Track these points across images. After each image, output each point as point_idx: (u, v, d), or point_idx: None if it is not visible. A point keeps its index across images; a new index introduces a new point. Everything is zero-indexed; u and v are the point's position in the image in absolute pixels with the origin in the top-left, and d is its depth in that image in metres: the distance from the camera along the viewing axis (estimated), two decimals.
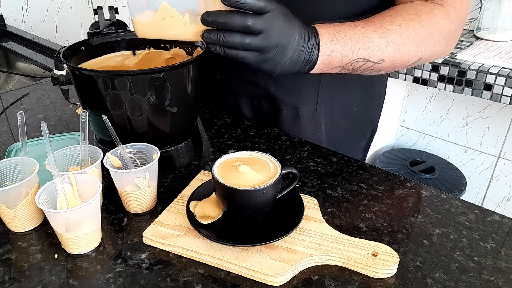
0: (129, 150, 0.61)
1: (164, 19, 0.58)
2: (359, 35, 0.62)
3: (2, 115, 0.92)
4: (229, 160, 0.56)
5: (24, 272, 0.51)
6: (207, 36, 0.56)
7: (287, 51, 0.59)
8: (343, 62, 0.63)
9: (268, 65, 0.59)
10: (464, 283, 0.49)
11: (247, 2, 0.52)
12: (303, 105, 0.83)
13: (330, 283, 0.49)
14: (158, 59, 0.78)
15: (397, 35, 0.64)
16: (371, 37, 0.63)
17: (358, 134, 0.92)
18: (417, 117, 1.91)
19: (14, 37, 1.61)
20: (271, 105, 0.86)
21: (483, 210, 0.61)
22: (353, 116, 0.87)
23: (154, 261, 0.52)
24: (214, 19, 0.54)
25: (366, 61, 0.64)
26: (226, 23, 0.54)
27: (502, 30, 1.52)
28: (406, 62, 0.67)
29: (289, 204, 0.57)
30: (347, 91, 0.84)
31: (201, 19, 0.55)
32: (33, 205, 0.56)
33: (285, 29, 0.57)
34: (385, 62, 0.65)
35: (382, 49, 0.64)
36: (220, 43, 0.56)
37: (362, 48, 0.63)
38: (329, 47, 0.61)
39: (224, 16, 0.54)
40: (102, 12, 0.86)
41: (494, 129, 1.69)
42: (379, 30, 0.63)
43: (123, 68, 0.76)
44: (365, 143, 0.95)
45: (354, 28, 0.63)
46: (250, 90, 0.86)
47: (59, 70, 1.09)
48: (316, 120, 0.84)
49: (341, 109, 0.85)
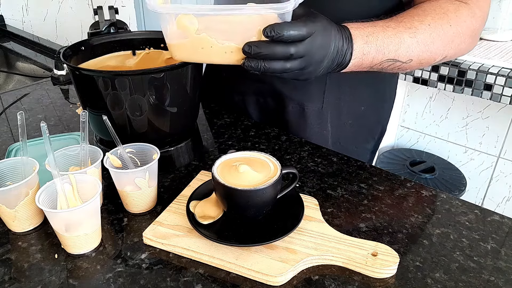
0: (129, 150, 0.61)
1: (203, 48, 0.57)
2: (391, 36, 0.62)
3: (2, 115, 0.92)
4: (229, 160, 0.56)
5: (24, 272, 0.51)
6: (248, 65, 0.55)
7: (323, 63, 0.58)
8: (373, 63, 0.64)
9: (303, 76, 0.59)
10: (464, 283, 0.49)
11: (290, 34, 0.52)
12: (309, 102, 0.82)
13: (330, 283, 0.49)
14: (158, 59, 0.78)
15: (426, 35, 0.64)
16: (402, 37, 0.63)
17: (365, 135, 0.91)
18: (417, 117, 1.91)
19: (14, 37, 1.61)
20: (276, 102, 0.85)
21: (483, 210, 0.61)
22: (361, 116, 0.87)
23: (154, 261, 0.52)
24: (256, 51, 0.53)
25: (395, 61, 0.64)
26: (269, 55, 0.53)
27: (502, 30, 1.52)
28: (432, 60, 0.67)
29: (289, 204, 0.57)
30: (355, 90, 0.83)
31: (242, 50, 0.54)
32: (33, 205, 0.56)
33: (323, 44, 0.57)
34: (413, 62, 0.65)
35: (412, 49, 0.64)
36: (261, 71, 0.55)
37: (393, 49, 0.63)
38: (362, 50, 0.61)
39: (266, 48, 0.53)
40: (102, 12, 0.86)
41: (494, 129, 1.69)
42: (409, 30, 0.63)
43: (123, 68, 0.76)
44: (372, 145, 0.94)
45: (386, 29, 0.63)
46: (256, 88, 0.86)
47: (59, 70, 1.09)
48: (322, 117, 0.84)
49: (348, 107, 0.85)
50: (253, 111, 0.89)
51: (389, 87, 0.90)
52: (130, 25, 1.43)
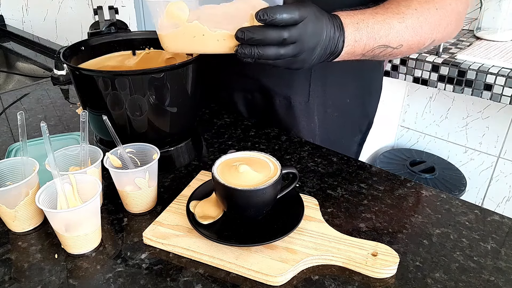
0: (129, 150, 0.61)
1: (195, 37, 0.56)
2: (380, 22, 0.63)
3: (2, 115, 0.92)
4: (229, 160, 0.56)
5: (24, 272, 0.51)
6: (241, 52, 0.55)
7: (316, 50, 0.59)
8: (365, 50, 0.64)
9: (296, 65, 0.59)
10: (464, 283, 0.49)
11: (283, 18, 0.52)
12: (295, 95, 0.83)
13: (330, 283, 0.49)
14: (158, 59, 0.78)
15: (414, 19, 0.65)
16: (391, 23, 0.64)
17: (352, 127, 0.93)
18: (417, 117, 1.91)
19: (14, 37, 1.61)
20: (264, 97, 0.86)
21: (483, 210, 0.61)
22: (347, 108, 0.88)
23: (154, 261, 0.52)
24: (250, 36, 0.53)
25: (386, 47, 0.65)
26: (262, 39, 0.53)
27: (502, 30, 1.52)
28: (422, 45, 0.68)
29: (289, 204, 0.57)
30: (340, 82, 0.84)
31: (235, 36, 0.54)
32: (33, 205, 0.56)
33: (315, 31, 0.57)
34: (403, 47, 0.66)
35: (402, 34, 0.64)
36: (255, 57, 0.55)
37: (383, 35, 0.63)
38: (353, 37, 0.61)
39: (260, 32, 0.53)
40: (102, 12, 0.86)
41: (494, 129, 1.69)
42: (397, 16, 0.64)
43: (123, 68, 0.76)
44: (360, 138, 0.96)
45: (375, 16, 0.63)
46: (243, 84, 0.86)
47: (59, 70, 1.09)
48: (309, 111, 0.85)
49: (334, 100, 0.86)
50: (242, 107, 0.90)
51: (374, 80, 0.91)
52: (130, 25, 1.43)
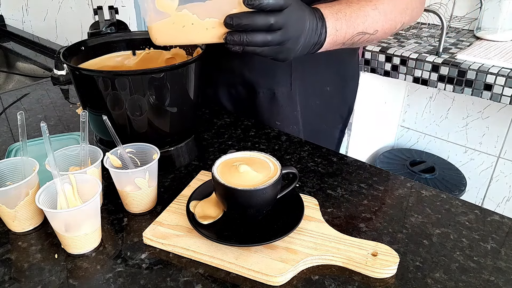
0: (129, 150, 0.61)
1: (184, 26, 0.57)
2: (356, 11, 0.67)
3: (2, 115, 0.92)
4: (229, 160, 0.56)
5: (24, 272, 0.51)
6: (230, 38, 0.56)
7: (301, 39, 0.60)
8: (346, 38, 0.67)
9: (282, 54, 0.61)
10: (464, 283, 0.49)
11: (269, 2, 0.54)
12: (278, 86, 0.85)
13: (330, 283, 0.49)
14: (158, 59, 0.78)
15: (385, 5, 0.69)
16: (366, 11, 0.67)
17: (333, 114, 0.96)
18: (417, 117, 1.91)
19: (14, 37, 1.61)
20: (247, 90, 0.88)
21: (483, 210, 0.61)
22: (327, 96, 0.91)
23: (154, 261, 0.52)
24: (238, 22, 0.55)
25: (364, 34, 0.68)
26: (250, 24, 0.55)
27: (502, 30, 1.52)
28: (394, 29, 0.73)
29: (289, 204, 0.57)
30: (318, 71, 0.87)
31: (224, 23, 0.55)
32: (33, 205, 0.56)
33: (299, 19, 0.59)
34: (378, 32, 0.70)
35: (376, 20, 0.69)
36: (244, 44, 0.56)
37: (361, 22, 0.67)
38: (334, 27, 0.64)
39: (247, 18, 0.55)
40: (102, 12, 0.87)
41: (494, 129, 1.69)
42: (370, 3, 0.68)
43: (123, 68, 0.76)
44: (342, 124, 0.99)
45: (351, 5, 0.67)
46: (227, 79, 0.88)
47: (59, 70, 1.09)
48: (292, 100, 0.87)
49: (314, 88, 0.89)
50: (226, 102, 0.92)
51: (350, 67, 0.95)
52: (130, 25, 1.43)
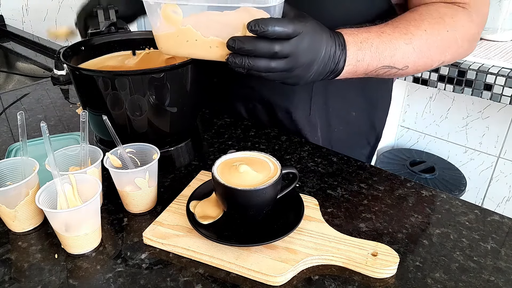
0: (129, 150, 0.61)
1: (188, 41, 0.57)
2: (386, 42, 0.61)
3: (2, 115, 0.92)
4: (229, 160, 0.56)
5: (24, 272, 0.51)
6: (232, 61, 0.54)
7: (313, 67, 0.57)
8: (368, 70, 0.62)
9: (291, 80, 0.58)
10: (464, 283, 0.49)
11: (275, 30, 0.51)
12: (296, 109, 0.81)
13: (330, 283, 0.49)
14: (158, 59, 0.78)
15: (422, 41, 0.62)
16: (397, 44, 0.61)
17: (359, 140, 0.89)
18: (417, 117, 1.91)
19: (14, 37, 1.61)
20: (266, 109, 0.85)
21: (483, 210, 0.61)
22: (352, 121, 0.85)
23: (154, 261, 0.52)
24: (240, 46, 0.53)
25: (391, 67, 0.63)
26: (252, 50, 0.52)
27: (502, 30, 1.52)
28: (429, 66, 0.66)
29: (289, 204, 0.57)
30: (343, 95, 0.82)
31: (226, 45, 0.54)
32: (33, 205, 0.56)
33: (312, 47, 0.55)
34: (409, 68, 0.64)
35: (408, 56, 0.62)
36: (245, 68, 0.54)
37: (388, 55, 0.61)
38: (355, 57, 0.60)
39: (250, 43, 0.52)
40: (102, 12, 0.86)
41: (494, 129, 1.68)
42: (405, 36, 0.62)
43: (123, 68, 0.76)
44: (368, 151, 0.92)
45: (381, 35, 0.61)
46: (245, 94, 0.85)
47: (59, 70, 1.09)
48: (312, 124, 0.83)
49: (337, 113, 0.83)
50: (244, 113, 0.89)
51: (381, 94, 0.88)
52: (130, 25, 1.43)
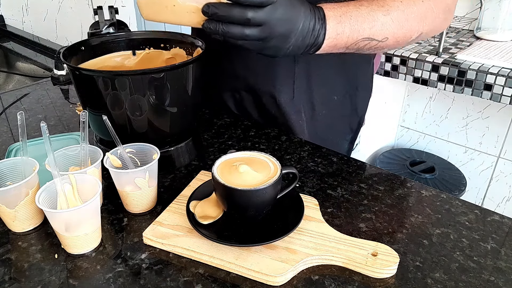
0: (129, 150, 0.61)
1: (167, 7, 0.58)
2: (364, 15, 0.63)
3: (2, 115, 0.92)
4: (229, 160, 0.56)
5: (24, 272, 0.51)
6: (207, 26, 0.56)
7: (290, 38, 0.58)
8: (349, 43, 0.64)
9: (269, 51, 0.59)
10: (464, 283, 0.49)
11: None
12: (280, 93, 0.83)
13: (330, 283, 0.49)
14: (158, 59, 0.78)
15: (400, 12, 0.64)
16: (376, 15, 0.63)
17: (342, 125, 0.92)
18: (417, 117, 1.91)
19: (14, 37, 1.61)
20: (252, 96, 0.86)
21: (483, 210, 0.61)
22: (335, 105, 0.87)
23: (154, 261, 0.52)
24: (214, 11, 0.54)
25: (371, 40, 0.64)
26: (226, 16, 0.54)
27: (502, 30, 1.52)
28: (408, 38, 0.68)
29: (289, 204, 0.57)
30: (326, 79, 0.84)
31: (201, 10, 0.56)
32: (33, 205, 0.56)
33: (287, 18, 0.57)
34: (388, 40, 0.66)
35: (386, 27, 0.64)
36: (220, 34, 0.56)
37: (367, 27, 0.63)
38: (335, 30, 0.61)
39: (224, 9, 0.54)
40: (102, 12, 0.87)
41: (494, 129, 1.69)
42: (382, 8, 0.64)
43: (123, 68, 0.76)
44: (351, 136, 0.95)
45: (359, 8, 0.63)
46: (231, 83, 0.87)
47: (59, 70, 1.09)
48: (296, 108, 0.85)
49: (320, 97, 0.85)
50: (232, 107, 0.91)
51: (361, 76, 0.89)
52: (130, 25, 1.43)
